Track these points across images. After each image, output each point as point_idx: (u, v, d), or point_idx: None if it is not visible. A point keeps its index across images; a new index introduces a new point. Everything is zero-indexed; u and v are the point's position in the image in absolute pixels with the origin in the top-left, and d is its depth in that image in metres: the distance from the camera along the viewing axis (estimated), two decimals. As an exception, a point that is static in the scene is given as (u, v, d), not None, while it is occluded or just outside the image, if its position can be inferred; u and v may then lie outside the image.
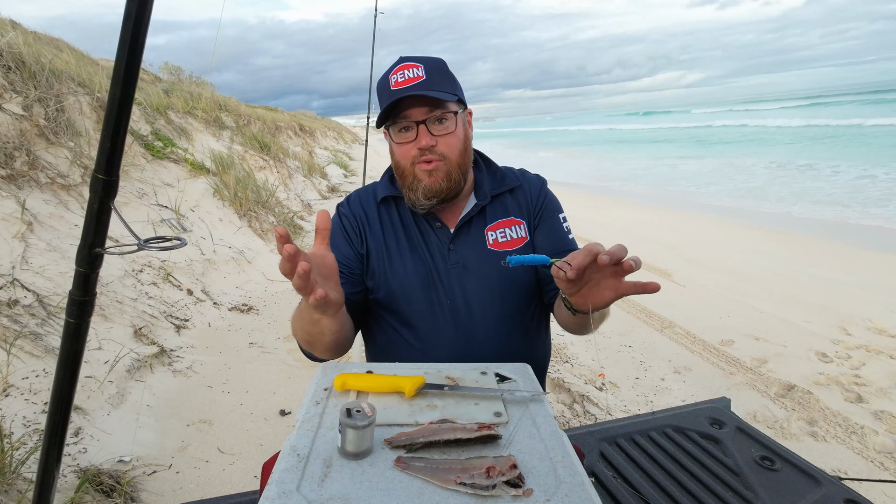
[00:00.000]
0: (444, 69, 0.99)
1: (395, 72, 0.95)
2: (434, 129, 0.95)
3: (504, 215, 1.05)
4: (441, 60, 0.99)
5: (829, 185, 9.25)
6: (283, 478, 0.56)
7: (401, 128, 0.96)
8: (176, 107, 6.31)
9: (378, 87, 1.00)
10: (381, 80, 0.99)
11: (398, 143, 0.98)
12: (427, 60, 0.97)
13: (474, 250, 1.02)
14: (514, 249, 1.03)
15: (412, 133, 0.96)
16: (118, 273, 3.02)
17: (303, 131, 14.27)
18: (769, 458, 1.35)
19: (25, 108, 3.27)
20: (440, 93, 0.94)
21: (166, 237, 0.95)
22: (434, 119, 0.95)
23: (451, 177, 0.97)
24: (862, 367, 2.88)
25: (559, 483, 0.56)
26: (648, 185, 11.30)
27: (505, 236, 1.04)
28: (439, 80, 0.96)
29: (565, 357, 3.04)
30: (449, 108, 0.96)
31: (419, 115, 0.94)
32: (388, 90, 0.95)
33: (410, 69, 0.95)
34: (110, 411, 2.09)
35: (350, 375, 0.78)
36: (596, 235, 6.09)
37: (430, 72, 0.95)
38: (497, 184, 1.08)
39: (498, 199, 1.07)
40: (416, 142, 0.95)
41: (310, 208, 7.06)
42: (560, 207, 1.11)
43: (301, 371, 2.76)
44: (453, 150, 0.97)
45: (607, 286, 0.74)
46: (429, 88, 0.93)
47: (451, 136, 0.97)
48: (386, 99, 0.95)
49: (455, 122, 0.97)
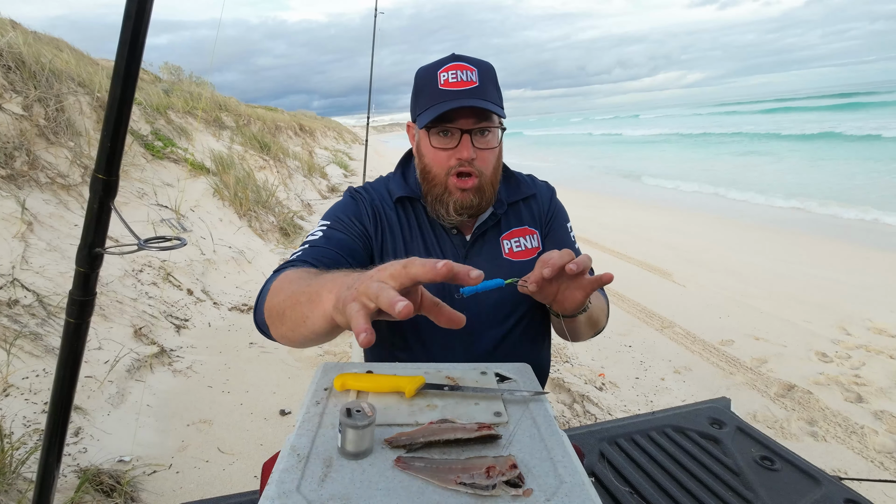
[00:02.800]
0: (495, 78, 0.93)
1: (446, 69, 0.88)
2: (477, 141, 0.89)
3: (518, 224, 1.03)
4: (493, 67, 0.93)
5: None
6: (282, 478, 0.56)
7: (442, 131, 0.90)
8: (176, 107, 6.31)
9: (420, 79, 0.93)
10: (427, 74, 0.91)
11: (435, 146, 0.91)
12: (481, 65, 0.91)
13: (490, 260, 1.00)
14: (529, 260, 1.01)
15: (453, 140, 0.89)
16: (118, 273, 3.02)
17: (303, 131, 14.27)
18: (769, 458, 1.35)
19: (25, 108, 3.27)
20: (493, 105, 0.88)
21: (166, 237, 0.95)
22: (479, 131, 0.89)
23: (483, 194, 0.92)
24: (862, 367, 2.88)
25: (559, 483, 0.56)
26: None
27: (520, 246, 1.01)
28: (491, 90, 0.90)
29: (565, 357, 3.04)
30: (494, 121, 0.91)
31: (466, 125, 0.88)
32: (435, 87, 0.88)
33: (464, 71, 0.88)
34: (110, 411, 2.09)
35: (350, 375, 0.78)
36: (596, 235, 6.10)
37: (483, 78, 0.89)
38: (513, 192, 1.05)
39: (513, 207, 1.04)
40: (457, 151, 0.89)
41: (310, 208, 7.06)
42: (567, 216, 1.10)
43: (301, 371, 2.76)
44: (489, 166, 0.92)
45: (576, 287, 0.78)
46: (482, 97, 0.87)
47: (491, 152, 0.92)
48: (432, 97, 0.88)
49: (497, 137, 0.93)
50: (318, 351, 3.01)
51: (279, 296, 0.75)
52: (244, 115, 8.94)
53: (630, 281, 4.47)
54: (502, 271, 0.99)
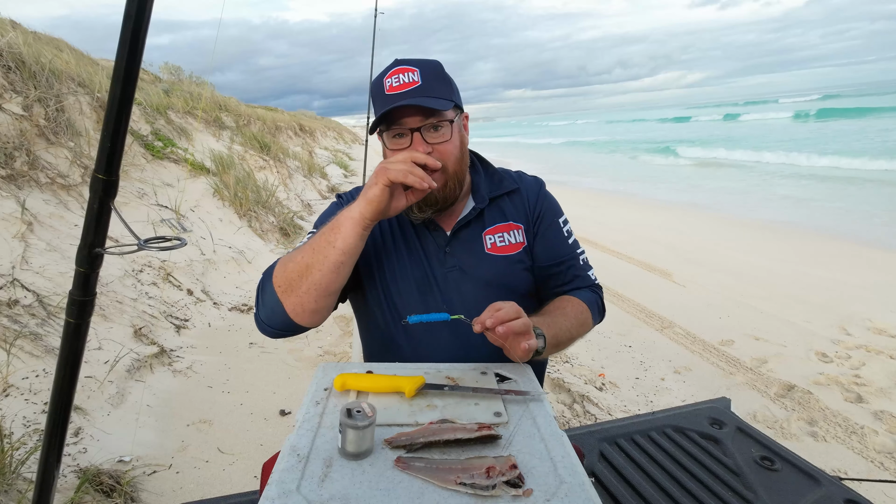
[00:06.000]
0: (441, 73, 0.95)
1: (389, 75, 0.92)
2: (429, 136, 0.92)
3: (502, 219, 1.04)
4: (437, 63, 0.96)
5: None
6: (283, 478, 0.56)
7: (395, 134, 0.93)
8: (176, 107, 6.31)
9: (372, 90, 0.97)
10: (376, 83, 0.95)
11: (392, 149, 0.95)
12: (423, 64, 0.94)
13: (472, 254, 1.01)
14: (513, 255, 1.02)
15: (406, 140, 0.92)
16: (118, 273, 3.02)
17: (303, 131, 14.27)
18: (769, 458, 1.35)
19: (25, 108, 3.27)
20: (436, 100, 0.90)
21: (166, 237, 0.95)
22: (429, 126, 0.92)
23: (446, 186, 0.95)
24: (862, 367, 2.88)
25: (559, 483, 0.56)
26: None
27: (504, 241, 1.02)
28: (436, 86, 0.93)
29: (565, 357, 3.04)
30: (445, 115, 0.93)
31: (414, 123, 0.91)
32: (382, 94, 0.92)
33: (406, 73, 0.91)
34: (110, 411, 2.09)
35: (350, 375, 0.78)
36: (596, 235, 6.10)
37: (426, 77, 0.92)
38: (495, 186, 1.07)
39: (496, 202, 1.05)
40: (411, 150, 0.92)
41: (310, 208, 7.06)
42: (559, 210, 1.09)
43: (301, 371, 2.76)
44: (449, 158, 0.94)
45: (515, 347, 0.80)
46: (425, 94, 0.90)
47: (447, 144, 0.94)
48: (380, 104, 0.92)
49: (451, 129, 0.94)
50: (317, 351, 3.01)
51: (289, 264, 0.86)
52: (244, 115, 8.94)
53: (630, 281, 4.47)
54: (484, 266, 1.00)
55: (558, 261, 1.04)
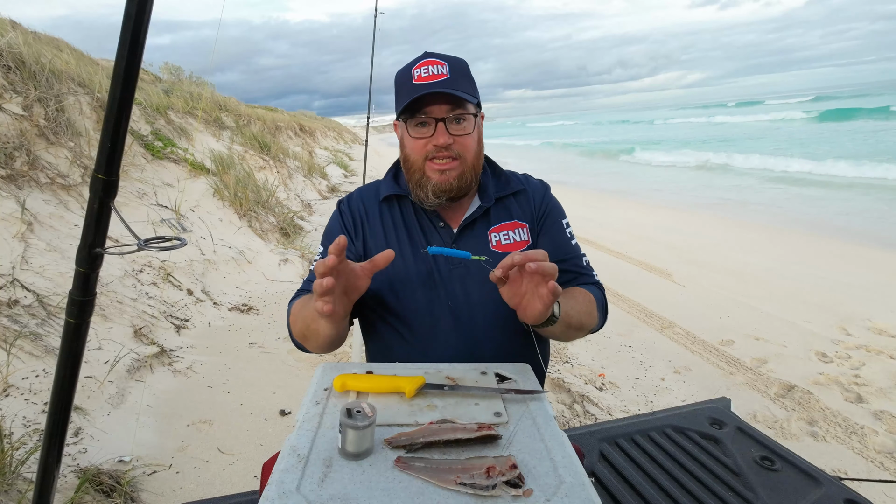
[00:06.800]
0: (467, 71, 0.99)
1: (419, 65, 0.95)
2: (452, 128, 0.95)
3: (508, 218, 1.06)
4: (464, 61, 0.99)
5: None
6: (283, 478, 0.56)
7: (418, 122, 0.96)
8: (176, 107, 6.31)
9: (398, 79, 0.99)
10: (403, 73, 0.98)
11: (413, 136, 0.97)
12: (451, 59, 0.97)
13: (477, 251, 1.01)
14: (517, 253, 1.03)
15: (429, 129, 0.96)
16: (118, 273, 3.02)
17: (303, 131, 14.27)
18: (769, 459, 1.35)
19: (25, 108, 3.28)
20: (463, 93, 0.94)
21: (166, 237, 0.95)
22: (453, 118, 0.95)
23: (463, 176, 0.98)
24: (862, 367, 2.88)
25: (559, 483, 0.56)
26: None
27: (508, 238, 1.04)
28: (462, 81, 0.96)
29: (565, 357, 3.04)
30: (468, 108, 0.97)
31: (440, 113, 0.94)
32: (410, 83, 0.95)
33: (435, 65, 0.95)
34: (110, 411, 2.09)
35: (350, 376, 0.78)
36: (596, 235, 6.10)
37: (453, 71, 0.95)
38: (501, 187, 1.09)
39: (502, 201, 1.07)
40: (433, 138, 0.95)
41: (310, 208, 7.06)
42: (563, 213, 1.11)
43: (301, 371, 2.76)
44: (468, 151, 0.98)
45: (536, 296, 0.77)
46: (452, 87, 0.93)
47: (468, 138, 0.97)
48: (407, 92, 0.95)
49: (472, 123, 0.98)
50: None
51: (297, 325, 0.96)
52: (244, 116, 8.94)
53: (630, 281, 4.47)
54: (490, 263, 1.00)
55: (563, 258, 1.05)
